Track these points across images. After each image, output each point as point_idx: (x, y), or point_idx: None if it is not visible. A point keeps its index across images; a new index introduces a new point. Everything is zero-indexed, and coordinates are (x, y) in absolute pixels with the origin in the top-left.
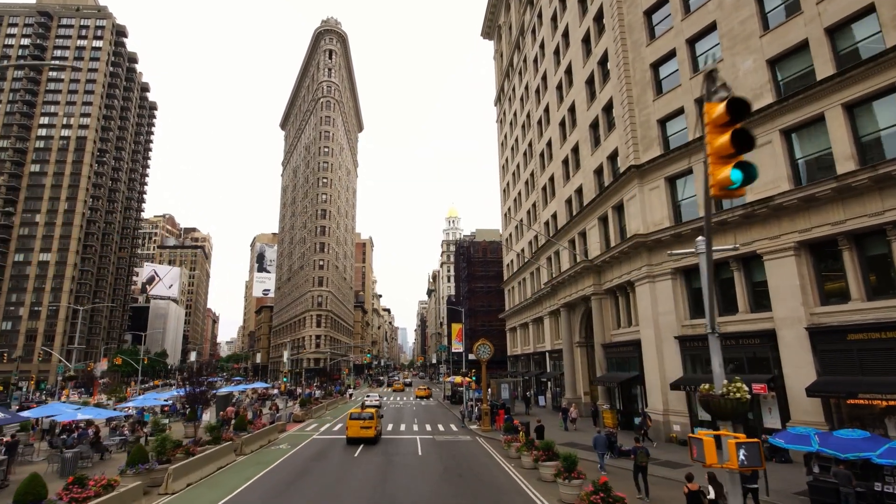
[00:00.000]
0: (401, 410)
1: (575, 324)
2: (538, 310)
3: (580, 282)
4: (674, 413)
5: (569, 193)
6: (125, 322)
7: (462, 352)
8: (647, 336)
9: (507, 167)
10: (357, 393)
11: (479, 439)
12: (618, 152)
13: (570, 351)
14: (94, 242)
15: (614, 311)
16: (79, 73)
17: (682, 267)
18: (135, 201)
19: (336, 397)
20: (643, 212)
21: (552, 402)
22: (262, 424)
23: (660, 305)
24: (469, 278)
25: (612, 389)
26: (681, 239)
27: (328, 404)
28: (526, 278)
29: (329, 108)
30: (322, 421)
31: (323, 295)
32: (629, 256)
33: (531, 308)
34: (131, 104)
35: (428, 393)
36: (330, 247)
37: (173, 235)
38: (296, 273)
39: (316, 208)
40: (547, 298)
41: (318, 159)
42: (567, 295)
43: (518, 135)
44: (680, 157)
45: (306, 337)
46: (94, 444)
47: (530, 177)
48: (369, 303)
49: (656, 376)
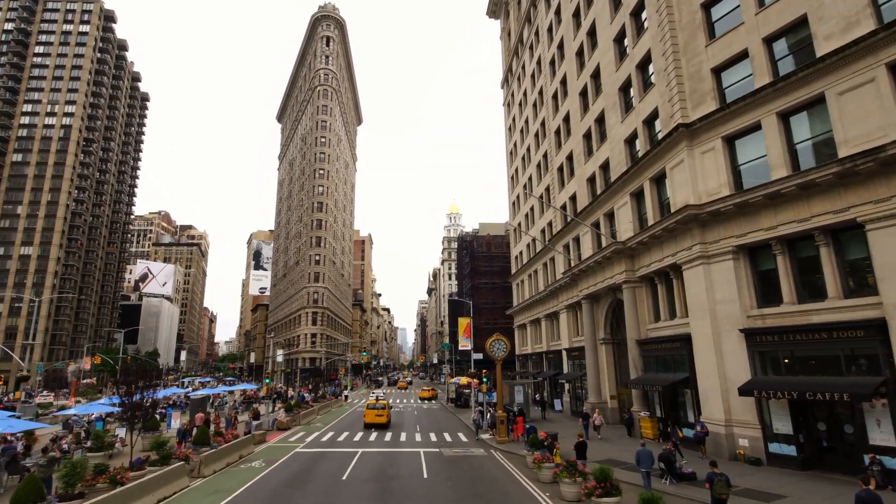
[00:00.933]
0: (402, 414)
1: (599, 318)
2: (553, 304)
3: (607, 269)
4: (739, 424)
5: (592, 170)
6: (115, 320)
7: (469, 349)
8: (701, 329)
9: (516, 152)
10: (354, 395)
11: (496, 454)
12: (657, 114)
13: (594, 349)
14: (79, 236)
15: (651, 302)
16: (64, 59)
17: (748, 244)
18: (125, 195)
19: (330, 400)
20: (694, 180)
21: (570, 407)
22: (232, 436)
23: (717, 292)
24: (472, 274)
25: (649, 393)
26: (747, 210)
27: (320, 408)
28: (538, 270)
29: (326, 97)
30: (310, 429)
31: (319, 291)
32: (674, 235)
33: (544, 302)
34: (121, 93)
35: (433, 394)
36: (326, 241)
37: (169, 233)
38: (291, 269)
39: (312, 201)
40: (564, 291)
41: (314, 150)
42: (591, 285)
43: (528, 115)
44: (743, 111)
45: (301, 335)
46: (10, 465)
47: (543, 158)
48: (368, 301)
49: (713, 378)
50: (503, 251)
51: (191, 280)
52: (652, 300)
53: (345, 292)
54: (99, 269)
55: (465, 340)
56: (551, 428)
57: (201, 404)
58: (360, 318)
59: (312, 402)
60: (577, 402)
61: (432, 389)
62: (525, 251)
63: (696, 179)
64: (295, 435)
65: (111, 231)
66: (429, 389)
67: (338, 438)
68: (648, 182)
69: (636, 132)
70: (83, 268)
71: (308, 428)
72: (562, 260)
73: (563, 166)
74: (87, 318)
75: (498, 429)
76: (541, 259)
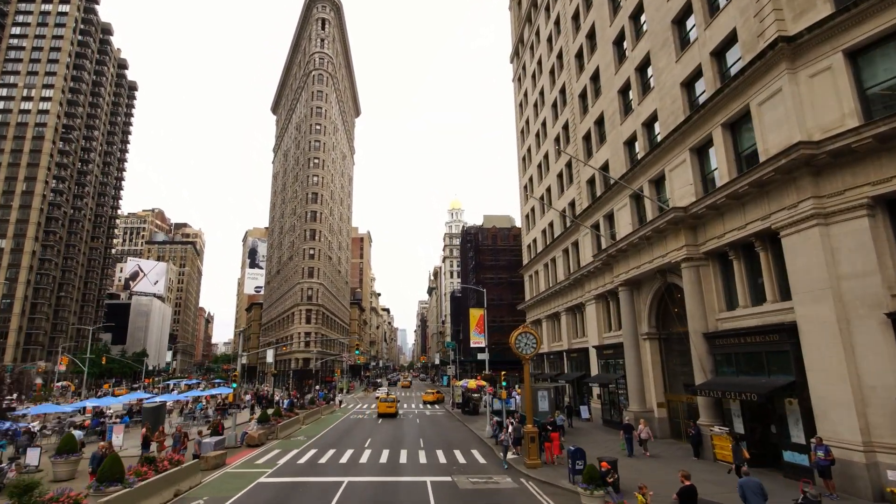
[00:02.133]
0: (402, 423)
1: (642, 308)
2: (577, 295)
3: (657, 246)
4: (885, 448)
5: (630, 130)
6: (100, 319)
7: (483, 346)
8: (815, 316)
9: (528, 129)
10: (351, 398)
11: (530, 486)
12: (734, 38)
13: (634, 346)
14: (58, 229)
15: (722, 284)
16: (43, 41)
17: (889, 194)
18: (111, 188)
19: (319, 406)
20: (799, 113)
21: (601, 415)
22: (170, 463)
23: (843, 263)
24: (477, 269)
25: (723, 401)
26: (891, 146)
27: (306, 416)
28: (556, 258)
29: (321, 82)
30: (289, 444)
31: (313, 287)
32: (766, 191)
33: (565, 294)
34: (105, 79)
35: (438, 397)
36: (322, 234)
37: (163, 231)
38: (285, 265)
39: (306, 192)
40: (592, 279)
41: (308, 138)
42: (631, 268)
43: (544, 84)
44: (876, 12)
45: (294, 334)
46: None
47: (563, 129)
48: (367, 300)
49: (840, 384)
50: (510, 244)
51: (185, 279)
52: (724, 282)
53: (342, 290)
54: (81, 266)
55: (478, 336)
56: (583, 442)
57: (155, 414)
58: (358, 318)
59: (298, 410)
60: (611, 409)
61: (437, 392)
62: (540, 238)
63: (802, 112)
64: (267, 454)
65: (95, 225)
66: (433, 392)
67: (320, 460)
68: (720, 129)
69: (697, 71)
70: (63, 263)
71: (286, 444)
72: (589, 243)
73: (590, 133)
74: (68, 316)
75: (527, 448)
76: (560, 245)
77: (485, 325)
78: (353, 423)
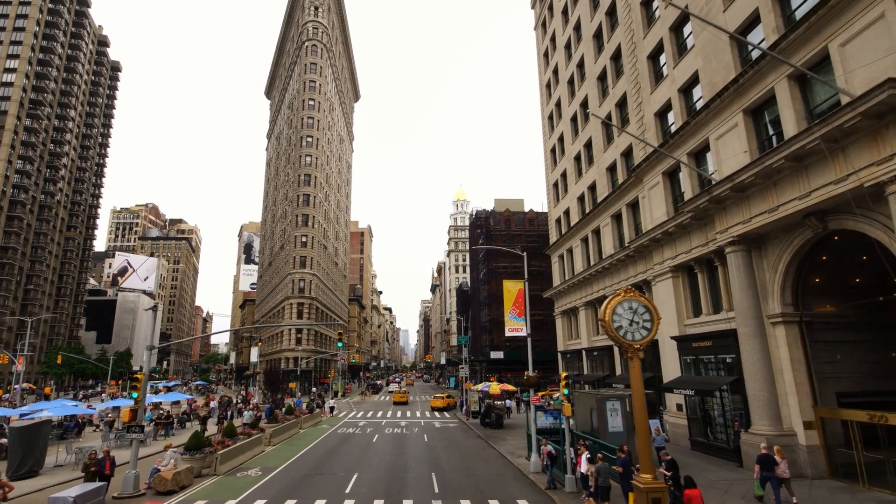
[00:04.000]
0: (403, 443)
1: (770, 277)
2: (637, 271)
3: (817, 172)
4: None
5: (740, 20)
6: (79, 316)
7: (525, 334)
8: None
9: (558, 77)
10: (345, 404)
11: None
12: None
13: (758, 335)
14: (24, 214)
15: None
16: (8, 7)
17: None
18: (91, 174)
19: (300, 416)
20: None
21: (689, 434)
22: None
23: None
24: (488, 257)
25: None
26: None
27: (276, 432)
28: (602, 228)
29: (315, 54)
30: (228, 488)
31: (306, 279)
32: None
33: (615, 272)
34: (81, 54)
35: (449, 402)
36: (316, 221)
37: (157, 226)
38: (276, 256)
39: (298, 173)
40: (667, 244)
41: (301, 115)
42: (758, 214)
43: (581, 13)
44: None
45: (284, 331)
46: None
47: (612, 62)
48: (368, 297)
49: None
50: (525, 229)
51: (180, 276)
52: None
53: (339, 284)
54: (55, 257)
55: (517, 320)
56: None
57: (28, 438)
58: (358, 315)
59: (266, 424)
60: (706, 427)
61: (448, 397)
62: (575, 207)
63: None
64: None
65: (72, 214)
66: (443, 397)
67: None
68: None
69: None
70: (32, 253)
71: (223, 486)
72: (660, 197)
73: (666, 42)
74: (38, 311)
75: None
76: (607, 210)
77: (525, 304)
78: (339, 442)
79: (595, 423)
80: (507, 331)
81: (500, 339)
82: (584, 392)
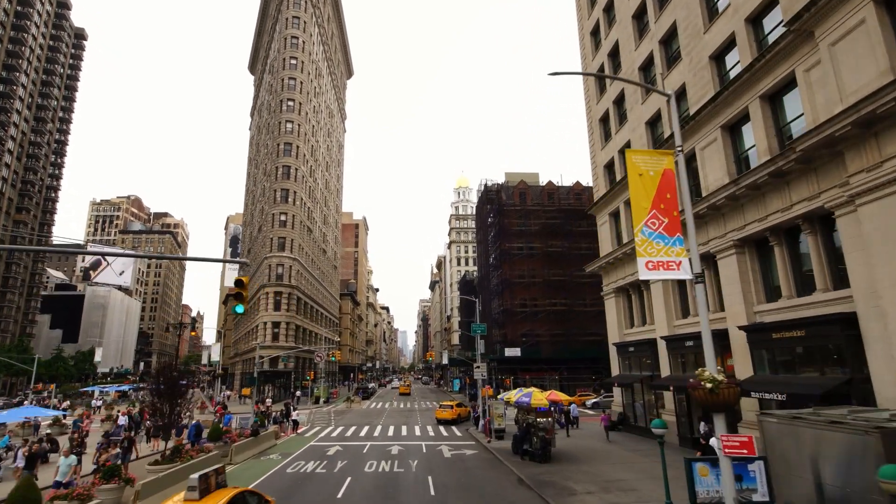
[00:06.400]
0: (395, 494)
1: None
2: (774, 210)
3: None
4: None
5: None
6: (32, 310)
7: (692, 275)
8: None
9: None
10: (322, 415)
11: None
12: None
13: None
14: None
15: None
16: None
17: None
18: (46, 150)
19: (233, 441)
20: None
21: None
22: None
23: None
24: (500, 236)
25: None
26: None
27: (145, 486)
28: (699, 153)
29: (298, 7)
30: None
31: (285, 263)
32: None
33: (728, 217)
34: (34, 11)
35: (461, 413)
36: (298, 197)
37: (140, 220)
38: (255, 240)
39: (278, 142)
40: (833, 164)
41: (281, 75)
42: None
43: None
44: None
45: (259, 325)
46: None
47: None
48: (363, 294)
49: None
50: (544, 204)
51: (163, 272)
52: None
53: (328, 274)
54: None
55: (663, 242)
56: None
57: None
58: (351, 312)
59: (151, 466)
60: None
61: (460, 406)
62: (644, 136)
63: None
64: None
65: (22, 194)
66: (451, 406)
67: None
68: None
69: None
70: None
71: None
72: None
73: None
74: None
75: None
76: (713, 119)
77: (687, 203)
78: (295, 487)
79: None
80: (643, 268)
81: (515, 334)
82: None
